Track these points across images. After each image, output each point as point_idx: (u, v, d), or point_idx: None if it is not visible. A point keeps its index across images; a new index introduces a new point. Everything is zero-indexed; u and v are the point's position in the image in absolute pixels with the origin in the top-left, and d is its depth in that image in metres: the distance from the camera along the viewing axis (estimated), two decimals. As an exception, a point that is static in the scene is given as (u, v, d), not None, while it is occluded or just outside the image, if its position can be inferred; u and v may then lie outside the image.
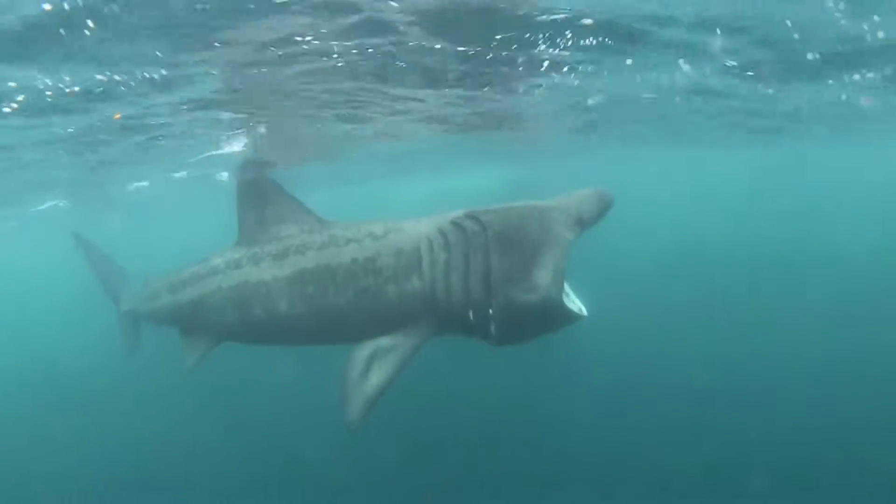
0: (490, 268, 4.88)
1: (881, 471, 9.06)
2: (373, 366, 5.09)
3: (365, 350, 5.17)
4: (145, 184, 16.56)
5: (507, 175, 30.21)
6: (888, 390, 10.91)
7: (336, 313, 5.39)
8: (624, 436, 10.74)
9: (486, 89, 9.24)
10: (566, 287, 5.09)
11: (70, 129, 9.06)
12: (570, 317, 4.96)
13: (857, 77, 9.56)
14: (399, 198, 33.90)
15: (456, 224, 5.22)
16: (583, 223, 5.19)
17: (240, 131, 10.87)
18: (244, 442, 11.80)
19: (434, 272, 5.11)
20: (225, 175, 15.21)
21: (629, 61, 7.99)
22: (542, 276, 4.76)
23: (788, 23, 6.74)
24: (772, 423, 10.88)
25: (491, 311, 4.86)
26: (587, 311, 5.14)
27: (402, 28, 6.08)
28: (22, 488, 11.68)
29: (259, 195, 6.27)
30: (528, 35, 6.59)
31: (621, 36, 6.84)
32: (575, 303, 5.16)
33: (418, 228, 5.40)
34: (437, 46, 6.70)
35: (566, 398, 11.98)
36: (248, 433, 12.10)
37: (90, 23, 5.05)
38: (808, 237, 28.14)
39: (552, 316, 4.92)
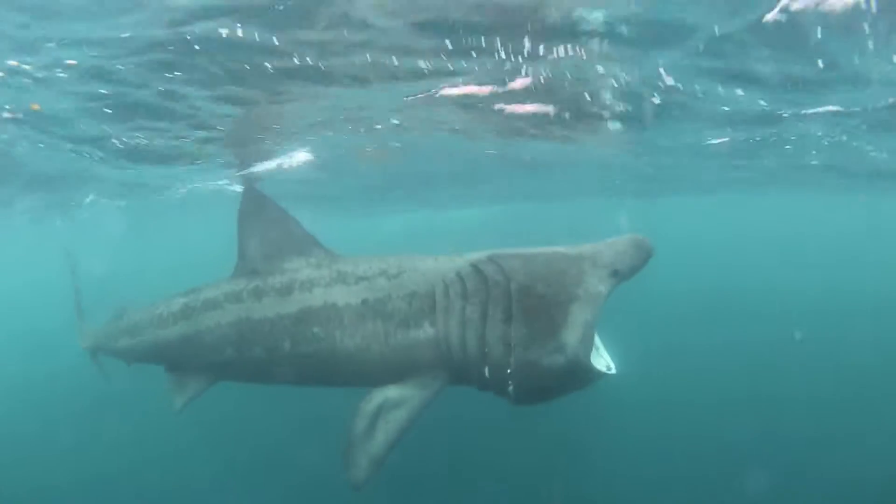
0: (511, 322, 4.40)
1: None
2: (379, 421, 4.68)
3: (371, 403, 4.76)
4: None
5: (488, 211, 29.79)
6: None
7: (342, 357, 5.00)
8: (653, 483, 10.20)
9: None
10: (596, 340, 4.60)
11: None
12: (597, 377, 4.46)
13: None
14: (383, 228, 33.46)
15: (476, 268, 4.75)
16: (617, 275, 4.59)
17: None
18: (244, 455, 11.49)
19: (448, 322, 4.67)
20: (238, 188, 14.69)
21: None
22: (571, 336, 4.27)
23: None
24: (815, 472, 10.23)
25: (510, 370, 4.38)
26: (616, 366, 4.65)
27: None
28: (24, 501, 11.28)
29: (263, 221, 5.83)
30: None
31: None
32: (603, 358, 4.67)
33: (435, 269, 4.97)
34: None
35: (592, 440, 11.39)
36: (249, 448, 11.73)
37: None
38: (846, 284, 27.41)
39: (578, 377, 4.44)
